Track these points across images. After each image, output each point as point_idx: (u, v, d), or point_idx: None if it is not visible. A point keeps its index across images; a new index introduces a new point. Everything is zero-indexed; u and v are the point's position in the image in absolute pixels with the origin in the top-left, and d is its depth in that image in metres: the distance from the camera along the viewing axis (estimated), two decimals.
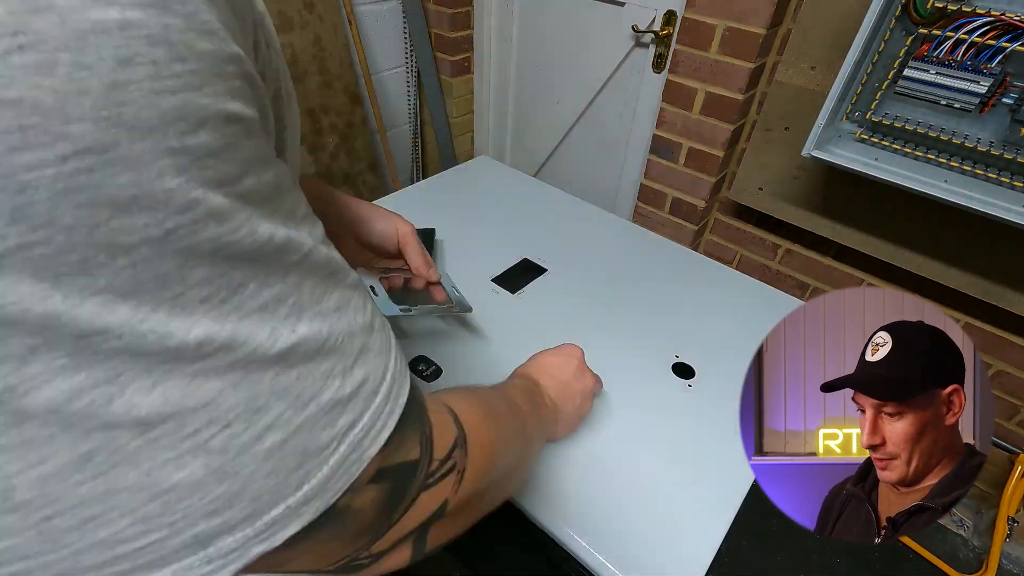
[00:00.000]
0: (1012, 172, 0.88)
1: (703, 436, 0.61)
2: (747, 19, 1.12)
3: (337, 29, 1.49)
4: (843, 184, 1.16)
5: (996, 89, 0.83)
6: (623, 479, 0.56)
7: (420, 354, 0.67)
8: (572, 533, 0.51)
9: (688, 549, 0.51)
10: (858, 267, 1.30)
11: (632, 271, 0.86)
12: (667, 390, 0.66)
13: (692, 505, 0.54)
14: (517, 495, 0.53)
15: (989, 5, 0.80)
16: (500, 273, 0.82)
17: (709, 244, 1.53)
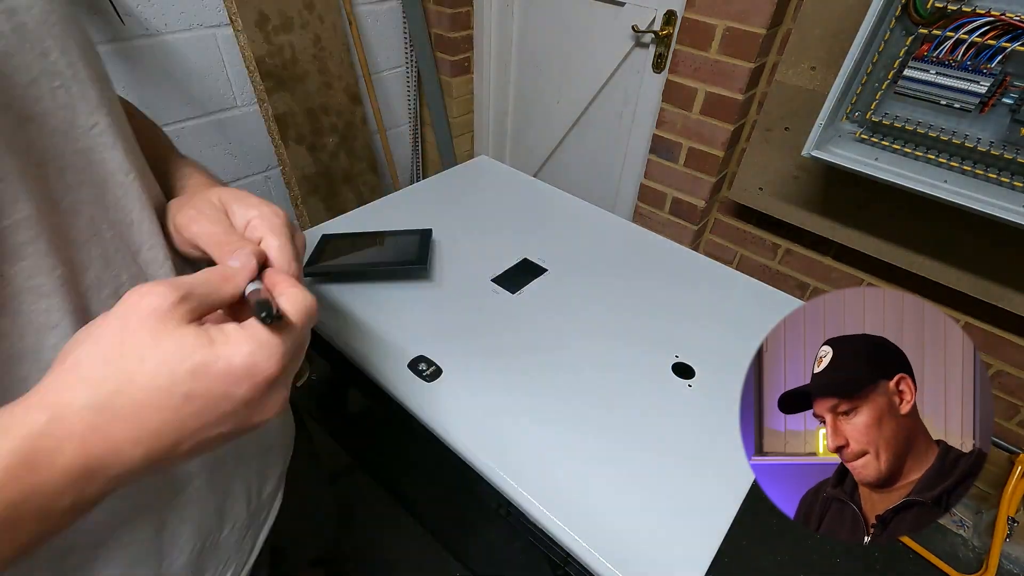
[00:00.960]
0: (1012, 172, 0.88)
1: (703, 436, 0.61)
2: (747, 19, 1.12)
3: (337, 29, 1.49)
4: (843, 184, 1.16)
5: (996, 89, 0.83)
6: (623, 479, 0.56)
7: (420, 354, 0.67)
8: (573, 534, 0.51)
9: (688, 549, 0.51)
10: (858, 267, 1.30)
11: (632, 271, 0.86)
12: (667, 390, 0.66)
13: (692, 505, 0.54)
14: (517, 496, 0.53)
15: (989, 5, 0.80)
16: (500, 273, 0.82)
17: (709, 244, 1.53)
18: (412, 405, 0.62)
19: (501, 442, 0.58)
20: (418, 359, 0.66)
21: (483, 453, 0.56)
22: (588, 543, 0.50)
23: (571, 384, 0.66)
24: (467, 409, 0.61)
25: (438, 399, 0.62)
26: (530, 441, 0.59)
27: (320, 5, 1.43)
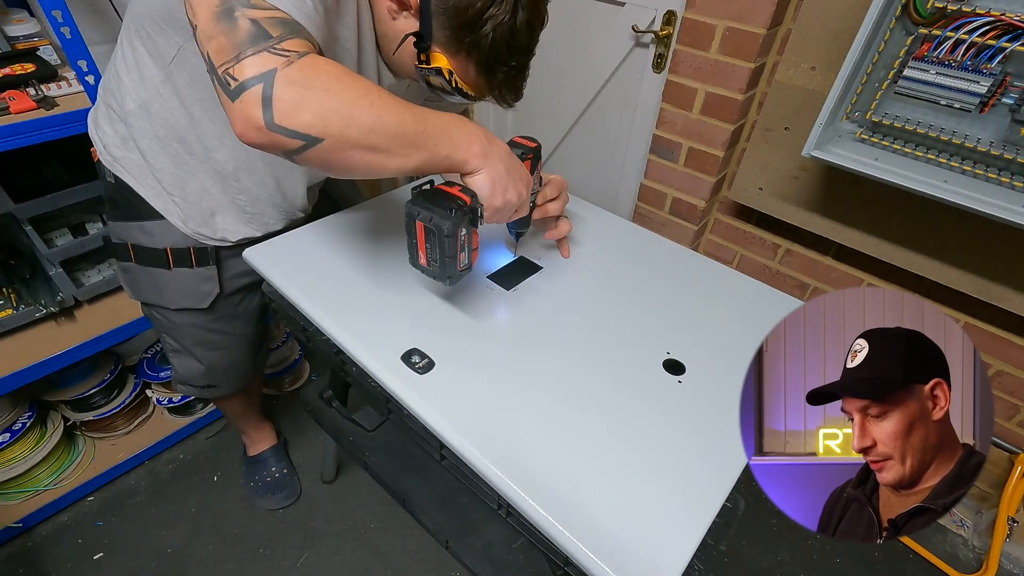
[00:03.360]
0: (1012, 172, 0.88)
1: (692, 430, 0.61)
2: (747, 19, 1.12)
3: None
4: (843, 184, 1.16)
5: (996, 89, 0.83)
6: (612, 472, 0.56)
7: (413, 347, 0.67)
8: (572, 536, 0.50)
9: (674, 540, 0.51)
10: (858, 267, 1.30)
11: (627, 269, 0.86)
12: (658, 386, 0.67)
13: (678, 500, 0.54)
14: (517, 497, 0.53)
15: (989, 5, 0.80)
16: (496, 270, 0.83)
17: (709, 244, 1.53)
18: (404, 396, 0.62)
19: (491, 434, 0.58)
20: (411, 351, 0.67)
21: (473, 445, 0.57)
22: (584, 544, 0.50)
23: (563, 380, 0.66)
24: (459, 401, 0.61)
25: (430, 391, 0.62)
26: (520, 434, 0.59)
27: None
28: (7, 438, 1.17)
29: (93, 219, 1.19)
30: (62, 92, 0.98)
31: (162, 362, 1.40)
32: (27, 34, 1.04)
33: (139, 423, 1.42)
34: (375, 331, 0.69)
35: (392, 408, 0.70)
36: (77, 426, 1.35)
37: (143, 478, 1.39)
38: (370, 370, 0.65)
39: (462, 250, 0.62)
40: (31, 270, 1.17)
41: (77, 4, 1.07)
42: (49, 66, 1.00)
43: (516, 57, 0.63)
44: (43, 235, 1.09)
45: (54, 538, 1.26)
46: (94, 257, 1.22)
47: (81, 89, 0.98)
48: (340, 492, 1.39)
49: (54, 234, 1.13)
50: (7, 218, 1.03)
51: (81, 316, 1.18)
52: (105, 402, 1.33)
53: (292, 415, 1.56)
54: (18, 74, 0.95)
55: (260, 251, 0.82)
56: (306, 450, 1.47)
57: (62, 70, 1.02)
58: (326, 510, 1.35)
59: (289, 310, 0.79)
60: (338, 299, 0.74)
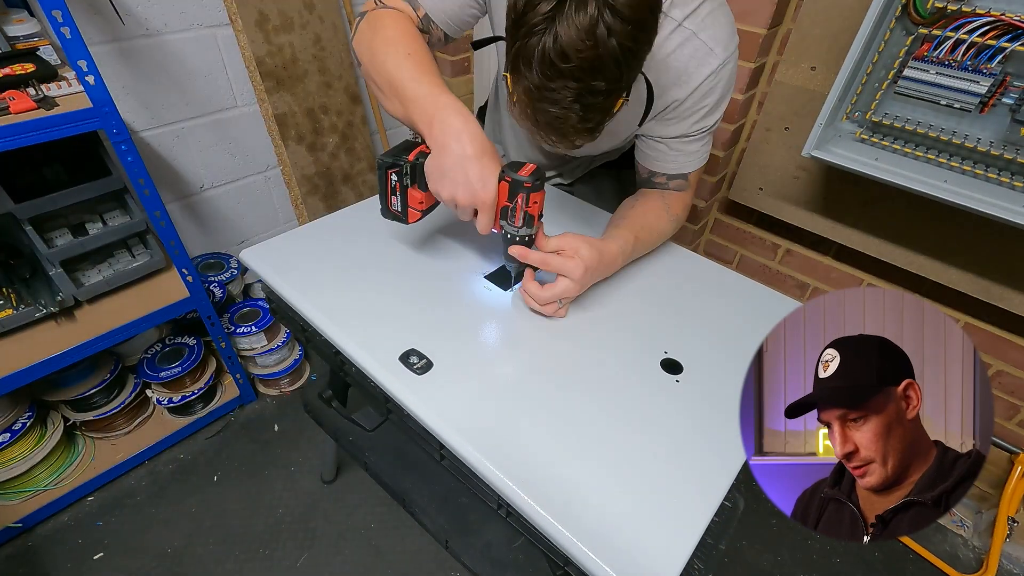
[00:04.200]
0: (1012, 172, 0.88)
1: (690, 429, 0.61)
2: (747, 19, 1.12)
3: (337, 29, 1.49)
4: (843, 184, 1.16)
5: (996, 89, 0.83)
6: (609, 472, 0.56)
7: (411, 348, 0.67)
8: (572, 536, 0.50)
9: (673, 539, 0.51)
10: (858, 267, 1.30)
11: (628, 269, 0.86)
12: (656, 385, 0.67)
13: (678, 500, 0.54)
14: (516, 497, 0.53)
15: (989, 5, 0.80)
16: (493, 270, 0.82)
17: (709, 244, 1.53)
18: (402, 397, 0.62)
19: (489, 434, 0.58)
20: (409, 352, 0.67)
21: (471, 445, 0.57)
22: (584, 544, 0.50)
23: (559, 380, 0.66)
24: (457, 402, 0.61)
25: (428, 392, 0.62)
26: (518, 434, 0.59)
27: (320, 5, 1.43)
28: (7, 438, 1.17)
29: (93, 219, 1.19)
30: (62, 92, 0.97)
31: (162, 362, 1.40)
32: (27, 34, 1.04)
33: (139, 423, 1.42)
34: (373, 332, 0.69)
35: (392, 408, 0.70)
36: (77, 426, 1.35)
37: (143, 478, 1.39)
38: (368, 371, 0.65)
39: (393, 194, 0.70)
40: (31, 270, 1.17)
41: (77, 4, 1.07)
42: (49, 66, 1.00)
43: (548, 78, 0.52)
44: (43, 235, 1.09)
45: (54, 538, 1.26)
46: (94, 257, 1.22)
47: (81, 89, 0.98)
48: (340, 492, 1.39)
49: (54, 234, 1.13)
50: (7, 218, 1.03)
51: (81, 316, 1.18)
52: (105, 402, 1.33)
53: (292, 415, 1.56)
54: (18, 74, 0.95)
55: (257, 252, 0.82)
56: (306, 450, 1.47)
57: (62, 70, 1.02)
58: (326, 510, 1.35)
59: (288, 311, 0.79)
60: (336, 300, 0.74)
